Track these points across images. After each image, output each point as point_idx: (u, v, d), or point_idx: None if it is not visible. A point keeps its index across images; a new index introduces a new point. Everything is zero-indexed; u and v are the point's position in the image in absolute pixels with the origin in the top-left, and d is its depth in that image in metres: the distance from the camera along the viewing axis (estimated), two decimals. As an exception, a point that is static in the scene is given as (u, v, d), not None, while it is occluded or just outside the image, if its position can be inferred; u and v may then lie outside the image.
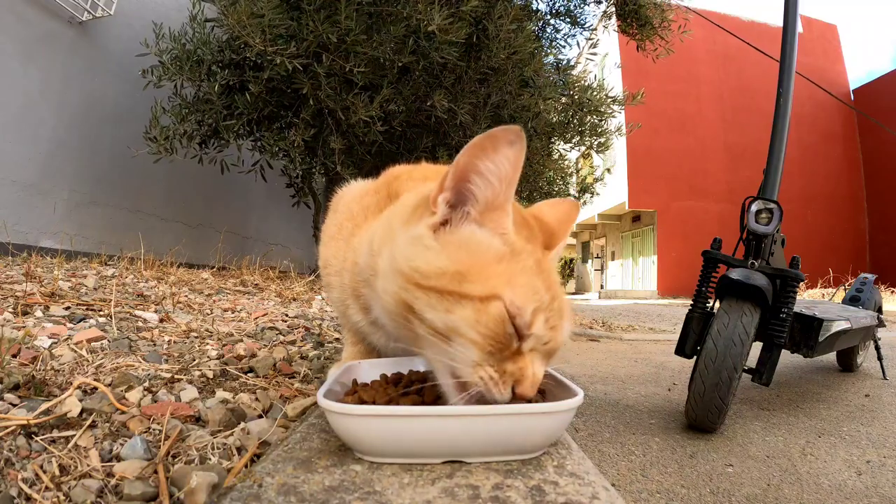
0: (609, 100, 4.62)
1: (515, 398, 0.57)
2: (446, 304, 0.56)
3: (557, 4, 4.89)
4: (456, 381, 0.59)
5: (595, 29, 5.25)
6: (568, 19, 4.91)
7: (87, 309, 1.53)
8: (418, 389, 0.66)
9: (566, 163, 6.32)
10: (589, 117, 4.79)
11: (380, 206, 0.83)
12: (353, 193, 0.94)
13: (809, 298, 6.75)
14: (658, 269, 15.56)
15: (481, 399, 0.58)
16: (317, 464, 0.56)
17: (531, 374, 0.57)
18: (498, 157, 0.56)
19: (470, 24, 3.30)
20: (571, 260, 24.54)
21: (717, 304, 1.71)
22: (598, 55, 5.59)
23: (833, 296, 3.88)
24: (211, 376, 0.99)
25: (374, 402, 0.63)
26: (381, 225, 0.72)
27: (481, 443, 0.56)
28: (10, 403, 0.73)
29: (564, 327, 0.61)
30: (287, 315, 2.03)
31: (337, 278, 0.84)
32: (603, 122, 5.00)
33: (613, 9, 4.97)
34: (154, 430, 0.71)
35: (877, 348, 2.62)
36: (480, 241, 0.59)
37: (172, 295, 2.01)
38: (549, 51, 4.83)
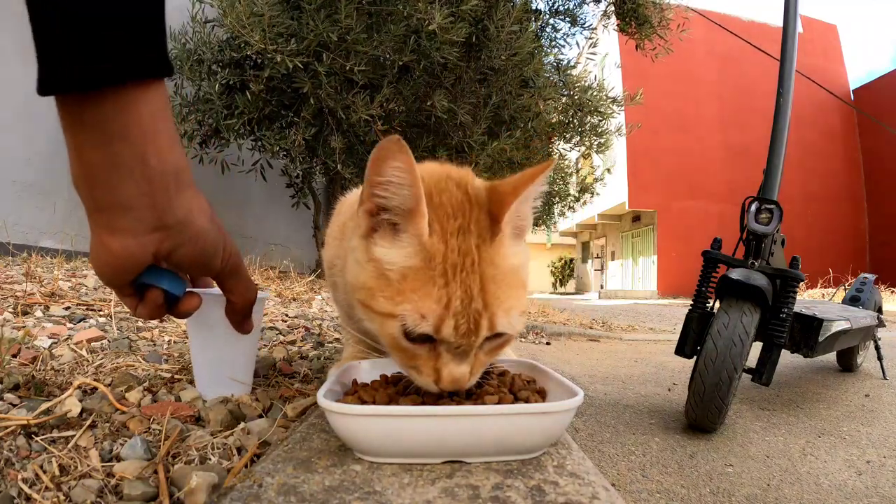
0: (609, 100, 4.62)
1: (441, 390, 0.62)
2: (368, 315, 0.62)
3: (557, 4, 4.89)
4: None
5: (595, 28, 5.25)
6: (567, 18, 4.90)
7: (87, 309, 1.53)
8: (418, 389, 0.66)
9: (566, 163, 6.33)
10: (589, 118, 4.79)
11: None
12: (357, 196, 0.95)
13: (809, 298, 6.75)
14: (658, 269, 15.58)
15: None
16: (317, 464, 0.57)
17: (446, 373, 0.60)
18: (389, 168, 0.57)
19: (470, 23, 3.30)
20: (571, 260, 24.54)
21: (717, 304, 1.71)
22: (597, 55, 5.59)
23: (833, 296, 3.88)
24: (211, 376, 0.99)
25: (374, 402, 0.63)
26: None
27: (481, 443, 0.56)
28: (10, 403, 0.73)
29: (490, 324, 0.59)
30: (287, 315, 2.03)
31: (342, 278, 0.85)
32: (603, 122, 4.99)
33: (612, 8, 4.97)
34: (154, 430, 0.71)
35: (877, 348, 2.62)
36: (390, 256, 0.60)
37: (172, 295, 2.00)
38: (548, 51, 4.82)
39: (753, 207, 1.71)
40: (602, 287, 19.33)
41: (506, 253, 0.62)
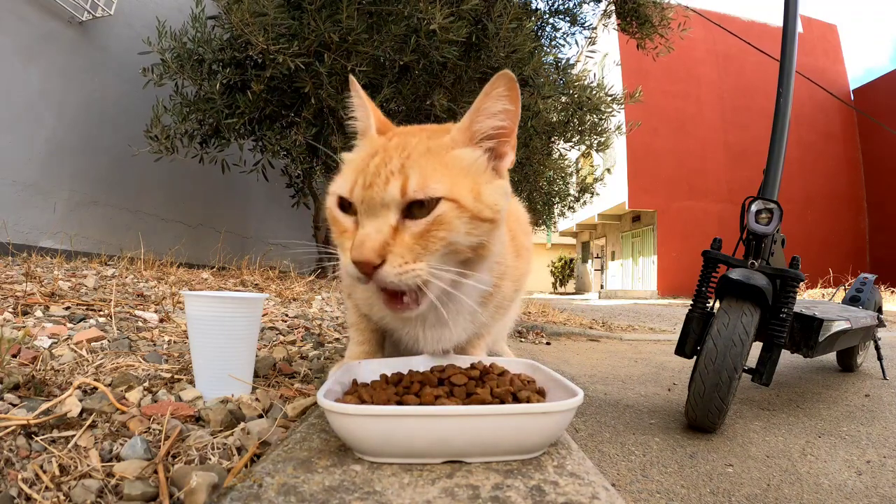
0: (609, 98, 4.62)
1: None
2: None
3: (556, 3, 4.89)
4: None
5: (595, 28, 5.25)
6: (567, 18, 4.90)
7: (87, 309, 1.53)
8: (418, 389, 0.66)
9: (566, 162, 6.33)
10: (589, 116, 4.79)
11: None
12: None
13: (809, 298, 6.75)
14: (658, 269, 15.56)
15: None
16: (317, 464, 0.57)
17: (356, 238, 0.64)
18: (352, 102, 0.80)
19: (470, 23, 3.30)
20: (571, 260, 24.53)
21: (717, 304, 1.71)
22: (597, 53, 5.58)
23: (833, 296, 3.88)
24: (211, 376, 0.99)
25: (373, 402, 0.63)
26: None
27: (481, 443, 0.56)
28: (10, 403, 0.73)
29: (390, 185, 0.64)
30: (287, 315, 2.03)
31: None
32: (603, 121, 4.99)
33: (613, 7, 4.97)
34: (154, 430, 0.71)
35: (877, 348, 2.62)
36: (347, 156, 0.76)
37: (172, 295, 2.01)
38: (548, 50, 4.82)
39: (753, 207, 1.71)
40: (602, 287, 19.32)
41: (455, 150, 0.70)
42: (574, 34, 5.03)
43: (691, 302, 1.79)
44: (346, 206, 0.69)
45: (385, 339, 0.94)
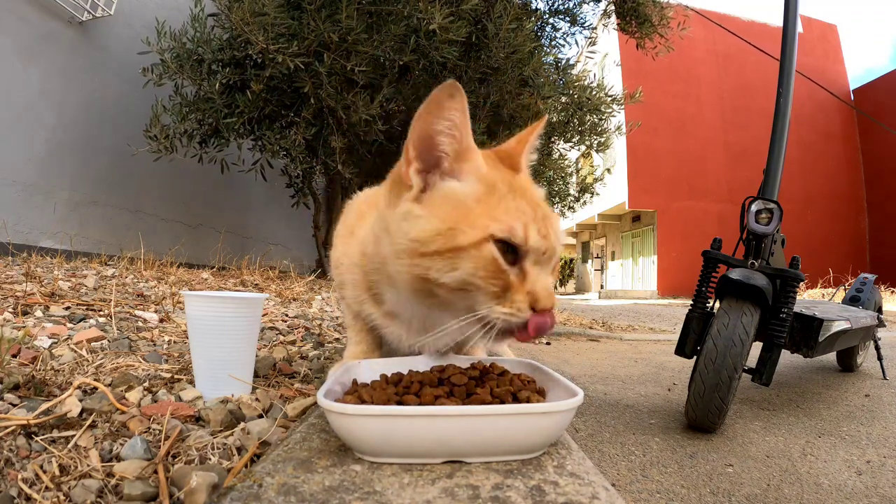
0: (609, 98, 4.62)
1: (539, 314, 0.62)
2: (451, 262, 0.62)
3: (556, 3, 4.89)
4: (481, 323, 0.64)
5: (595, 28, 5.25)
6: (567, 18, 4.90)
7: (87, 309, 1.53)
8: (417, 389, 0.66)
9: (566, 162, 6.33)
10: (589, 116, 4.79)
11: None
12: (363, 197, 0.99)
13: (809, 298, 6.75)
14: (658, 269, 15.56)
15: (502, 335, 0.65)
16: (317, 464, 0.57)
17: (542, 289, 0.63)
18: (447, 112, 0.63)
19: (470, 23, 3.30)
20: (571, 260, 24.54)
21: (717, 304, 1.71)
22: (597, 54, 5.58)
23: (833, 296, 3.88)
24: (211, 376, 0.99)
25: (373, 402, 0.63)
26: (377, 214, 0.78)
27: (481, 443, 0.56)
28: (10, 403, 0.73)
29: (556, 232, 0.66)
30: (287, 315, 2.03)
31: (350, 275, 0.87)
32: (603, 121, 4.99)
33: (612, 7, 4.98)
34: (154, 430, 0.71)
35: (877, 348, 2.62)
36: (459, 191, 0.65)
37: (172, 295, 2.01)
38: (548, 50, 4.82)
39: (754, 207, 1.71)
40: (602, 287, 19.32)
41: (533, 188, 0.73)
42: (574, 34, 5.03)
43: (691, 302, 1.80)
44: (510, 251, 0.63)
45: (382, 339, 0.95)
